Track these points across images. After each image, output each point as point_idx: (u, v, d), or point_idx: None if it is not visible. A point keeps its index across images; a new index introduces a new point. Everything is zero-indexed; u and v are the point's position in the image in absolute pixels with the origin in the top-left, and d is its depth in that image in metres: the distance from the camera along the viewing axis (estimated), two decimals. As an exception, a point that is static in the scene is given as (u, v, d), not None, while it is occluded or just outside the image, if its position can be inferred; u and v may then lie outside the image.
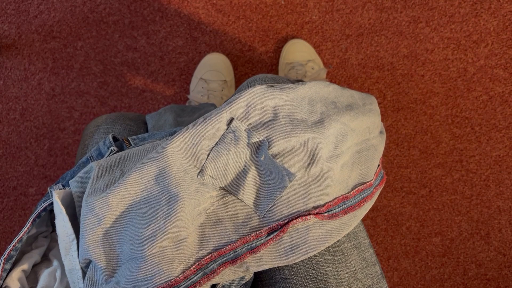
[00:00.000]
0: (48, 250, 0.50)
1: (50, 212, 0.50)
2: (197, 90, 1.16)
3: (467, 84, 1.22)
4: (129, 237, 0.43)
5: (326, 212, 0.49)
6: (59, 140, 1.23)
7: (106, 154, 0.50)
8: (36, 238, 0.49)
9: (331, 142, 0.51)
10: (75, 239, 0.44)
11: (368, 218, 1.28)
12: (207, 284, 0.45)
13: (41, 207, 0.46)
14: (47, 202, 0.46)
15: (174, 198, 0.44)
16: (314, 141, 0.49)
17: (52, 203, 0.47)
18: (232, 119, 0.48)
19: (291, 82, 0.61)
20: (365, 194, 0.54)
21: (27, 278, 0.47)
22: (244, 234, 0.47)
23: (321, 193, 0.49)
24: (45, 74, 1.22)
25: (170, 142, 0.45)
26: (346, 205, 0.51)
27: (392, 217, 1.28)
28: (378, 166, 0.58)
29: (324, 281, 0.51)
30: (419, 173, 1.26)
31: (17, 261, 0.46)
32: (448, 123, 1.23)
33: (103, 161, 0.46)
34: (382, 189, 1.00)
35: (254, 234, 0.47)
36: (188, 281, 0.43)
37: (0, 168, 1.24)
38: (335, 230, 0.50)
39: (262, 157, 0.48)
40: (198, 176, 0.46)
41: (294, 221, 0.47)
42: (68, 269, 0.44)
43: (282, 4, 1.20)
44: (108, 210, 0.43)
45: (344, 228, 0.50)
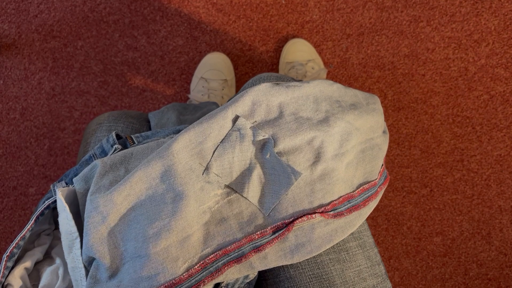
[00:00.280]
0: (50, 248, 0.49)
1: (53, 210, 0.49)
2: (197, 90, 1.15)
3: (468, 83, 1.22)
4: (133, 235, 0.43)
5: (331, 210, 0.49)
6: (59, 139, 1.23)
7: (110, 152, 0.50)
8: (38, 236, 0.49)
9: (336, 140, 0.51)
10: (79, 237, 0.43)
11: (369, 218, 1.28)
12: (212, 283, 0.44)
13: (44, 205, 0.46)
14: (50, 200, 0.46)
15: (179, 196, 0.44)
16: (320, 139, 0.49)
17: (55, 201, 0.46)
18: (237, 117, 0.48)
19: (296, 81, 0.61)
20: (369, 193, 0.54)
21: (29, 275, 0.46)
22: (249, 232, 0.46)
23: (326, 191, 0.49)
24: (45, 74, 1.22)
25: (175, 140, 0.45)
26: (351, 204, 0.51)
27: (393, 216, 1.28)
28: (382, 165, 0.58)
29: (329, 280, 0.50)
30: (420, 172, 1.25)
31: (19, 258, 0.46)
32: (449, 123, 1.23)
33: (108, 158, 0.46)
34: (383, 191, 0.99)
35: (259, 232, 0.46)
36: (192, 279, 0.43)
37: (0, 168, 1.24)
38: (340, 229, 0.50)
39: (268, 155, 0.48)
40: (203, 174, 0.46)
41: (299, 219, 0.47)
42: (71, 267, 0.44)
43: (283, 3, 1.20)
44: (112, 208, 0.43)
45: (349, 227, 0.50)
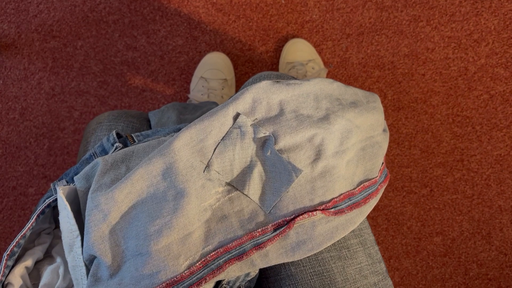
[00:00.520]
0: (51, 247, 0.49)
1: (53, 208, 0.49)
2: (197, 89, 1.15)
3: (468, 83, 1.22)
4: (134, 232, 0.43)
5: (332, 208, 0.49)
6: (59, 139, 1.23)
7: (111, 151, 0.50)
8: (39, 235, 0.49)
9: (337, 138, 0.51)
10: (79, 236, 0.43)
11: (369, 218, 1.28)
12: (213, 280, 0.44)
13: (45, 204, 0.46)
14: (51, 199, 0.46)
15: (181, 194, 0.44)
16: (320, 136, 0.49)
17: (55, 200, 0.46)
18: (238, 114, 0.48)
19: (296, 79, 0.61)
20: (370, 191, 0.54)
21: (30, 274, 0.46)
22: (250, 230, 0.46)
23: (327, 189, 0.49)
24: (44, 74, 1.22)
25: (176, 138, 0.45)
26: (352, 201, 0.51)
27: (393, 216, 1.28)
28: (382, 163, 0.58)
29: (330, 277, 0.50)
30: (420, 172, 1.25)
31: (19, 257, 0.46)
32: (449, 122, 1.23)
33: (109, 157, 0.46)
34: (384, 189, 1.00)
35: (260, 230, 0.46)
36: (193, 277, 0.43)
37: (-1, 168, 1.24)
38: (341, 226, 0.49)
39: (268, 152, 0.48)
40: (204, 171, 0.46)
41: (300, 217, 0.47)
42: (71, 265, 0.44)
43: (283, 3, 1.20)
44: (113, 206, 0.42)
45: (350, 224, 0.50)
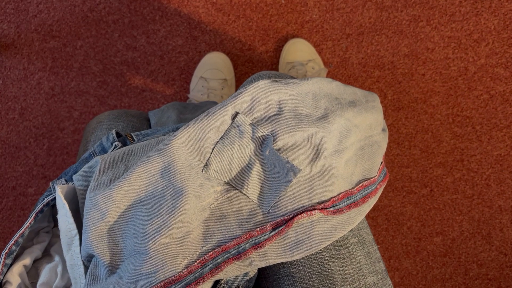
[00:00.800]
0: (49, 246, 0.49)
1: (52, 207, 0.49)
2: (197, 89, 1.15)
3: (468, 83, 1.22)
4: (133, 231, 0.42)
5: (331, 207, 0.49)
6: (59, 139, 1.23)
7: (110, 150, 0.50)
8: (37, 233, 0.49)
9: (335, 137, 0.51)
10: (78, 234, 0.43)
11: (369, 218, 1.27)
12: (211, 279, 0.44)
13: (43, 202, 0.46)
14: (50, 197, 0.46)
15: (179, 193, 0.44)
16: (319, 135, 0.49)
17: (54, 198, 0.46)
18: (236, 113, 0.48)
19: (295, 78, 0.61)
20: (369, 190, 0.53)
21: (28, 273, 0.46)
22: (248, 229, 0.46)
23: (325, 188, 0.49)
24: (44, 74, 1.22)
25: (175, 137, 0.45)
26: (350, 200, 0.51)
27: (393, 216, 1.27)
28: (381, 163, 0.58)
29: (328, 277, 0.50)
30: (420, 172, 1.25)
31: (18, 256, 0.46)
32: (449, 122, 1.23)
33: (108, 155, 0.46)
34: (383, 188, 1.00)
35: (258, 229, 0.46)
36: (192, 276, 0.43)
37: (-1, 168, 1.24)
38: (340, 226, 0.49)
39: (267, 151, 0.48)
40: (203, 170, 0.46)
41: (299, 216, 0.47)
42: (69, 264, 0.44)
43: (282, 3, 1.20)
44: (112, 204, 0.42)
45: (348, 223, 0.50)
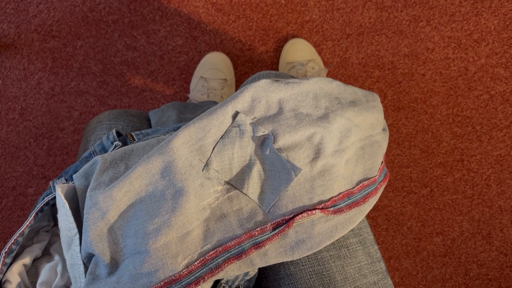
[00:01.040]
0: (49, 245, 0.49)
1: (52, 206, 0.49)
2: (197, 89, 1.15)
3: (468, 83, 1.22)
4: (133, 231, 0.42)
5: (331, 207, 0.49)
6: (59, 140, 1.23)
7: (110, 149, 0.50)
8: (37, 233, 0.48)
9: (336, 136, 0.51)
10: (78, 234, 0.43)
11: (369, 218, 1.27)
12: (211, 279, 0.44)
13: (43, 201, 0.46)
14: (50, 197, 0.46)
15: (180, 192, 0.44)
16: (319, 135, 0.49)
17: (54, 198, 0.46)
18: (237, 113, 0.47)
19: (295, 78, 0.61)
20: (369, 190, 0.53)
21: (28, 272, 0.46)
22: (249, 228, 0.46)
23: (326, 187, 0.49)
24: (44, 74, 1.22)
25: (175, 136, 0.45)
26: (351, 200, 0.51)
27: (393, 217, 1.27)
28: (382, 162, 0.58)
29: (329, 276, 0.50)
30: (420, 172, 1.25)
31: (18, 255, 0.45)
32: (449, 122, 1.23)
33: (108, 155, 0.46)
34: (383, 188, 1.00)
35: (259, 229, 0.46)
36: (192, 276, 0.43)
37: (-2, 168, 1.24)
38: (340, 225, 0.49)
39: (267, 151, 0.48)
40: (203, 170, 0.46)
41: (300, 216, 0.47)
42: (69, 263, 0.44)
43: (282, 3, 1.20)
44: (112, 204, 0.42)
45: (349, 223, 0.50)
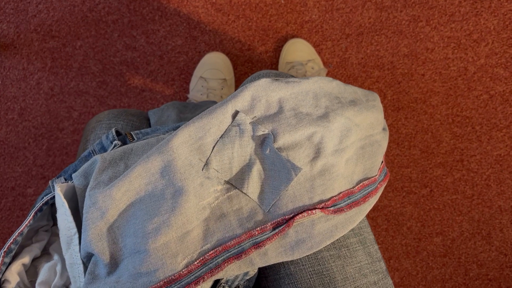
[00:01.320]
0: (48, 244, 0.49)
1: (51, 205, 0.49)
2: (196, 89, 1.15)
3: (468, 83, 1.22)
4: (132, 230, 0.42)
5: (331, 206, 0.49)
6: (58, 140, 1.22)
7: (110, 148, 0.50)
8: (36, 232, 0.48)
9: (336, 136, 0.50)
10: (77, 233, 0.43)
11: (368, 218, 1.27)
12: (211, 279, 0.44)
13: (42, 201, 0.46)
14: (49, 196, 0.46)
15: (179, 192, 0.43)
16: (319, 134, 0.49)
17: (53, 197, 0.46)
18: (237, 112, 0.47)
19: (295, 77, 0.61)
20: (369, 189, 0.53)
21: (27, 272, 0.46)
22: (248, 228, 0.46)
23: (326, 187, 0.49)
24: (44, 74, 1.21)
25: (175, 136, 0.45)
26: (351, 199, 0.51)
27: (393, 217, 1.27)
28: (382, 162, 0.58)
29: (329, 276, 0.50)
30: (420, 172, 1.25)
31: (17, 254, 0.45)
32: (448, 122, 1.23)
33: (107, 154, 0.46)
34: (383, 188, 1.00)
35: (259, 228, 0.46)
36: (191, 275, 0.43)
37: (-2, 168, 1.23)
38: (341, 225, 0.49)
39: (267, 150, 0.47)
40: (203, 169, 0.45)
41: (300, 215, 0.46)
42: (69, 263, 0.44)
43: (282, 3, 1.20)
44: (111, 203, 0.42)
45: (349, 222, 0.50)
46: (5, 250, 0.43)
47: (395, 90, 1.22)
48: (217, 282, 0.47)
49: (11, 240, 0.43)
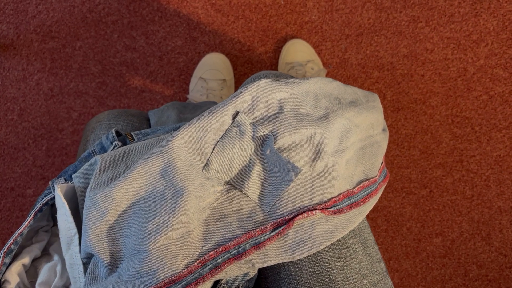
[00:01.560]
0: (48, 245, 0.49)
1: (51, 206, 0.49)
2: (196, 90, 1.15)
3: (467, 84, 1.22)
4: (132, 231, 0.42)
5: (331, 207, 0.49)
6: (58, 140, 1.22)
7: (110, 149, 0.50)
8: (36, 232, 0.48)
9: (336, 137, 0.50)
10: (77, 234, 0.43)
11: (368, 219, 1.27)
12: (211, 280, 0.44)
13: (42, 201, 0.46)
14: (49, 196, 0.46)
15: (179, 192, 0.43)
16: (320, 135, 0.49)
17: (53, 197, 0.46)
18: (237, 113, 0.47)
19: (295, 78, 0.61)
20: (369, 190, 0.53)
21: (27, 272, 0.46)
22: (249, 229, 0.46)
23: (326, 188, 0.49)
24: (43, 75, 1.21)
25: (175, 136, 0.45)
26: (351, 200, 0.51)
27: (392, 217, 1.27)
28: (382, 163, 0.58)
29: (329, 277, 0.50)
30: (420, 173, 1.25)
31: (17, 255, 0.45)
32: (448, 123, 1.23)
33: (108, 154, 0.46)
34: (383, 188, 1.00)
35: (259, 229, 0.46)
36: (191, 276, 0.43)
37: (-3, 169, 1.23)
38: (341, 226, 0.49)
39: (268, 151, 0.47)
40: (203, 170, 0.45)
41: (300, 216, 0.46)
42: (69, 264, 0.44)
43: (282, 4, 1.20)
44: (111, 204, 0.42)
45: (349, 223, 0.50)
46: (5, 250, 0.43)
47: (395, 91, 1.22)
48: (217, 282, 0.47)
49: (11, 240, 0.43)
